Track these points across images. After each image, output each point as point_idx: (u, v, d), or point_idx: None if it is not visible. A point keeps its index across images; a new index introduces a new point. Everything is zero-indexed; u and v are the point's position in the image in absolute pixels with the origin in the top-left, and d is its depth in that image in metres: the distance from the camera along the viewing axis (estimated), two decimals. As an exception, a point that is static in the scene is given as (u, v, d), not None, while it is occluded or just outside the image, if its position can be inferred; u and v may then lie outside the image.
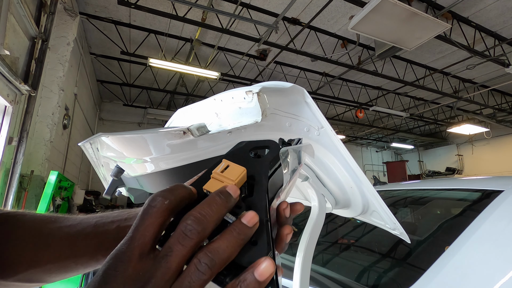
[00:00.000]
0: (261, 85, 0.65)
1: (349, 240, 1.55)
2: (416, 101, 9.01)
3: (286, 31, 5.16)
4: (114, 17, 5.02)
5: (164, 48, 5.77)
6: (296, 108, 0.71)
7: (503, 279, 0.66)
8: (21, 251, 0.34)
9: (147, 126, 9.27)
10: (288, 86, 0.66)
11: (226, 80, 7.50)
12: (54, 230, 0.35)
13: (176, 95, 8.31)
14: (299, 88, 0.68)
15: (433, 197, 1.45)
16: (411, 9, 3.60)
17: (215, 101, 0.73)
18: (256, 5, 4.68)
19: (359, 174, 0.67)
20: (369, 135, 12.65)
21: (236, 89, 0.67)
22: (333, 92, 7.82)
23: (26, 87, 2.98)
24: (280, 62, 6.58)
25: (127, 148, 0.58)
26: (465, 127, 9.23)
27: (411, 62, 6.54)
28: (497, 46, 5.52)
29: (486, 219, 0.84)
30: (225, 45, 5.95)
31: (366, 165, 14.16)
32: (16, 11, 2.77)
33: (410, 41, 4.32)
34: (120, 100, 8.51)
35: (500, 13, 4.85)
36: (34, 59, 3.22)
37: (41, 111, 3.53)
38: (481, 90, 7.86)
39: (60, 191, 3.40)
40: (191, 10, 4.57)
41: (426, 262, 0.78)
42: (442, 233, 1.06)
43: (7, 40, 2.53)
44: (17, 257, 0.34)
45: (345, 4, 4.56)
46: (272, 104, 0.70)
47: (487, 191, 1.05)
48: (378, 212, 0.71)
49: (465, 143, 12.40)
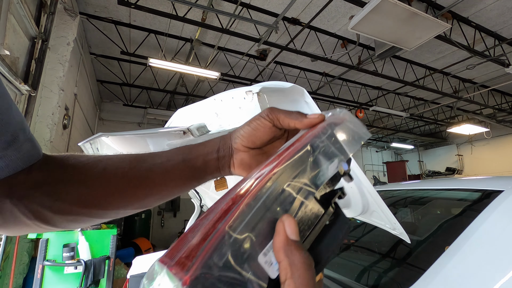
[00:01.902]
0: (261, 85, 0.65)
1: (349, 240, 1.55)
2: (416, 101, 9.01)
3: (286, 31, 5.16)
4: (114, 17, 5.02)
5: (164, 48, 5.77)
6: (296, 108, 0.71)
7: (503, 279, 0.66)
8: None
9: (147, 126, 9.27)
10: (288, 86, 0.66)
11: (226, 80, 7.50)
12: (150, 167, 0.40)
13: (176, 95, 8.30)
14: (299, 88, 0.68)
15: (433, 197, 1.45)
16: (411, 9, 3.60)
17: (215, 101, 0.73)
18: (256, 5, 4.68)
19: (359, 174, 0.67)
20: (369, 135, 12.64)
21: (236, 89, 0.66)
22: (333, 92, 7.82)
23: (26, 87, 2.98)
24: (280, 62, 6.58)
25: (127, 148, 0.58)
26: (465, 127, 9.23)
27: (411, 62, 6.54)
28: (497, 46, 5.52)
29: (486, 219, 0.84)
30: (225, 45, 5.95)
31: (366, 165, 14.15)
32: (16, 11, 2.77)
33: (410, 41, 4.32)
34: (120, 100, 8.51)
35: (500, 13, 4.85)
36: (34, 59, 3.22)
37: (41, 111, 3.53)
38: (481, 90, 7.86)
39: (60, 191, 3.39)
40: (191, 10, 4.57)
41: (426, 262, 0.78)
42: (442, 233, 1.06)
43: (7, 40, 2.53)
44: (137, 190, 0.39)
45: (345, 4, 4.56)
46: (272, 104, 0.70)
47: (487, 191, 1.05)
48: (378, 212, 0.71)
49: (465, 143, 12.40)
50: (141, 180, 0.39)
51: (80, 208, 0.36)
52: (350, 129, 0.33)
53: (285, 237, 0.22)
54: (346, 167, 0.30)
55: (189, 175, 0.41)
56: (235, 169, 0.41)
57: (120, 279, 3.95)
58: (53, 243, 2.63)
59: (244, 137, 0.40)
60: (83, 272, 2.56)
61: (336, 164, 0.29)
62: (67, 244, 2.65)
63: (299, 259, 0.22)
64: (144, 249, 6.54)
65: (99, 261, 2.67)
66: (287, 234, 0.23)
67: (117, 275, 3.97)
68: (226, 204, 0.23)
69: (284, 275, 0.21)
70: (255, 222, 0.22)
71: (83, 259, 2.61)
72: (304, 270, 0.22)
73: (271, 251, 0.22)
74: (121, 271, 4.17)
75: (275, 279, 0.22)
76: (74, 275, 2.60)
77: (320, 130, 0.31)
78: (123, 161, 0.39)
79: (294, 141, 0.30)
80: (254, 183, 0.24)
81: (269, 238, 0.23)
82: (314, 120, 0.35)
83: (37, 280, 2.50)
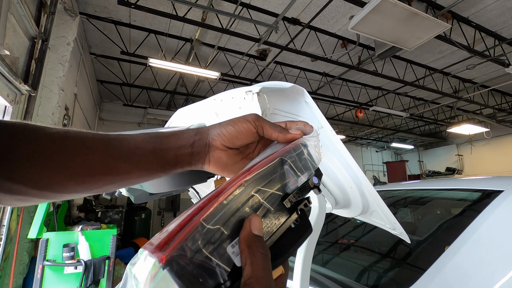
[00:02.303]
0: (261, 85, 0.65)
1: (349, 240, 1.55)
2: (416, 101, 9.01)
3: (286, 31, 5.16)
4: (114, 17, 5.02)
5: (164, 48, 5.77)
6: (296, 108, 0.71)
7: (503, 279, 0.66)
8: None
9: (147, 126, 9.27)
10: (288, 86, 0.66)
11: (226, 80, 7.50)
12: (116, 154, 0.38)
13: (176, 95, 8.30)
14: (299, 88, 0.68)
15: (433, 197, 1.45)
16: (411, 9, 3.60)
17: (215, 101, 0.73)
18: (256, 5, 4.68)
19: (359, 174, 0.67)
20: (369, 135, 12.65)
21: (236, 89, 0.67)
22: (333, 92, 7.82)
23: (26, 87, 2.98)
24: (280, 62, 6.58)
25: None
26: (465, 127, 9.22)
27: (411, 62, 6.54)
28: (497, 46, 5.52)
29: (486, 219, 0.84)
30: (225, 45, 5.95)
31: (366, 165, 14.16)
32: (16, 11, 2.77)
33: (410, 41, 4.32)
34: (120, 100, 8.51)
35: (500, 13, 4.85)
36: (34, 59, 3.22)
37: (41, 111, 3.53)
38: (481, 90, 7.86)
39: (60, 191, 3.39)
40: (191, 10, 4.57)
41: (426, 262, 0.78)
42: (442, 233, 1.06)
43: (7, 40, 2.53)
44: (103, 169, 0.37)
45: (345, 4, 4.56)
46: (272, 104, 0.70)
47: (487, 191, 1.05)
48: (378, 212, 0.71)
49: (465, 143, 12.40)
50: (105, 169, 0.36)
51: (32, 189, 0.33)
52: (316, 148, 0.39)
53: (249, 231, 0.27)
54: (316, 181, 0.36)
55: (157, 167, 0.40)
56: (209, 166, 0.42)
57: (120, 279, 3.95)
58: (53, 243, 2.63)
59: (226, 136, 0.40)
60: (83, 272, 2.56)
61: (306, 177, 0.35)
62: (67, 244, 2.66)
63: (258, 249, 0.26)
64: (144, 249, 6.53)
65: (99, 261, 2.68)
66: (251, 229, 0.27)
67: (117, 275, 3.97)
68: (203, 202, 0.27)
69: (244, 262, 0.25)
70: (226, 218, 0.27)
71: (83, 259, 2.61)
72: (261, 259, 0.26)
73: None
74: (121, 271, 4.17)
75: (239, 266, 0.26)
76: (74, 275, 2.60)
77: (292, 146, 0.37)
78: (87, 143, 0.36)
79: (269, 154, 0.35)
80: (228, 187, 0.29)
81: (238, 234, 0.27)
82: (295, 136, 0.39)
83: (37, 280, 2.51)
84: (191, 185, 1.12)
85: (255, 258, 0.25)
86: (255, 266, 0.25)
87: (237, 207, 0.28)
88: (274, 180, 0.32)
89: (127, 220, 7.37)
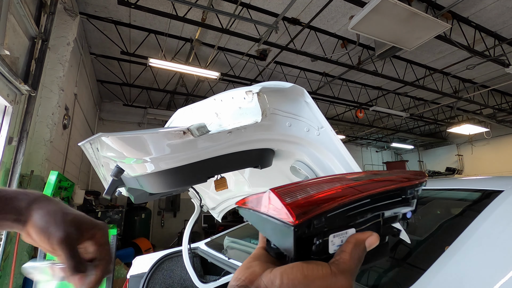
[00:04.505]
0: (261, 85, 0.65)
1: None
2: (416, 101, 9.00)
3: (286, 31, 5.16)
4: (114, 17, 5.02)
5: (164, 48, 5.77)
6: (296, 108, 0.71)
7: (503, 279, 0.66)
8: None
9: (147, 126, 9.27)
10: (288, 86, 0.66)
11: (226, 80, 7.50)
12: None
13: (176, 95, 8.30)
14: (299, 88, 0.68)
15: (433, 197, 1.44)
16: (411, 9, 3.60)
17: (215, 101, 0.73)
18: (256, 5, 4.68)
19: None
20: (369, 135, 12.65)
21: (236, 89, 0.67)
22: (333, 92, 7.82)
23: (26, 87, 2.97)
24: (280, 62, 6.58)
25: (127, 148, 0.58)
26: (465, 127, 9.22)
27: (411, 62, 6.54)
28: (497, 46, 5.51)
29: (486, 219, 0.84)
30: (225, 45, 5.95)
31: (366, 165, 14.16)
32: (16, 11, 2.77)
33: (410, 41, 4.32)
34: (120, 100, 8.51)
35: (500, 13, 4.85)
36: (34, 59, 3.21)
37: (41, 111, 3.53)
38: (481, 90, 7.86)
39: (60, 191, 3.39)
40: (191, 10, 4.57)
41: (426, 262, 0.78)
42: (442, 233, 1.06)
43: (7, 40, 2.53)
44: None
45: (345, 4, 4.56)
46: (272, 104, 0.70)
47: (487, 191, 1.05)
48: (378, 212, 0.71)
49: (465, 143, 12.40)
50: None
51: None
52: None
53: (363, 240, 0.32)
54: (409, 215, 0.41)
55: None
56: (25, 238, 0.45)
57: (120, 279, 3.95)
58: (53, 243, 2.63)
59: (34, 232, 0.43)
60: (83, 272, 2.56)
61: (406, 210, 0.41)
62: (67, 244, 2.65)
63: (359, 254, 0.31)
64: (144, 249, 6.54)
65: (99, 261, 2.67)
66: (366, 241, 0.32)
67: (117, 275, 3.97)
68: (351, 190, 0.33)
69: (339, 255, 0.30)
70: (348, 214, 0.32)
71: (83, 259, 2.61)
72: (358, 261, 0.31)
73: (340, 237, 0.32)
74: (121, 271, 4.17)
75: (329, 253, 0.31)
76: (74, 275, 2.60)
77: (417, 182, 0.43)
78: None
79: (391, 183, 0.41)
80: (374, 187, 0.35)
81: (343, 229, 0.32)
82: None
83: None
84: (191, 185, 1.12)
85: (354, 256, 0.30)
86: (352, 260, 0.30)
87: (361, 209, 0.33)
88: (393, 203, 0.38)
89: (127, 220, 7.37)
